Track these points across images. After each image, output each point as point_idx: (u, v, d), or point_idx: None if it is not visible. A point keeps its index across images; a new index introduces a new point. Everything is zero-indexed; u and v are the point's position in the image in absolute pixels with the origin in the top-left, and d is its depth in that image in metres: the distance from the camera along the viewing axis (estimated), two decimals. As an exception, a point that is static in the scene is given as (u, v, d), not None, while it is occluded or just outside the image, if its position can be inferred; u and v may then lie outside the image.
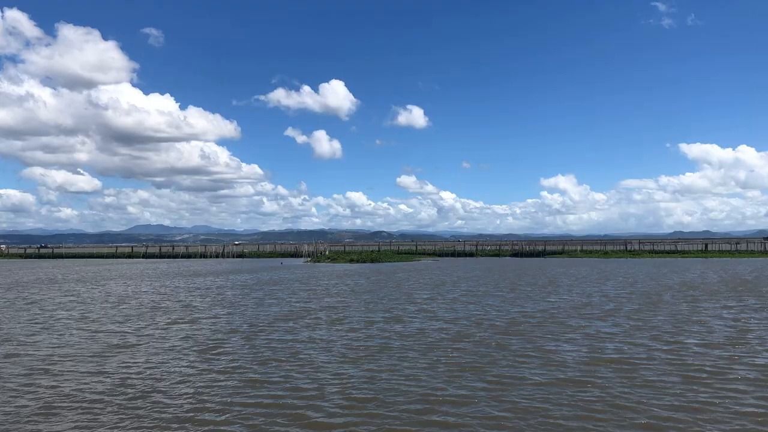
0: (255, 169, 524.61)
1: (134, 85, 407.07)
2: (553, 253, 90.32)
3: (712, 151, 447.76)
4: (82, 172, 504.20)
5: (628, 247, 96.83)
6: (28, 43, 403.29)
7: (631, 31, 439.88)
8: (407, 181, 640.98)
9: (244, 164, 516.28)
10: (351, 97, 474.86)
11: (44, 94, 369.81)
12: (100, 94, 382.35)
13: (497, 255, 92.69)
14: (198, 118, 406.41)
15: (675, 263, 62.05)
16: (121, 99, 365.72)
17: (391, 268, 56.74)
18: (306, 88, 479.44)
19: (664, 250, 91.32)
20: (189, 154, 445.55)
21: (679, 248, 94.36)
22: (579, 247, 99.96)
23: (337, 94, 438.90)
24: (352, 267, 61.21)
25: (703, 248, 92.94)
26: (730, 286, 31.77)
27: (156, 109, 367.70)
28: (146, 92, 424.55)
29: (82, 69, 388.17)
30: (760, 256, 76.68)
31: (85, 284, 39.22)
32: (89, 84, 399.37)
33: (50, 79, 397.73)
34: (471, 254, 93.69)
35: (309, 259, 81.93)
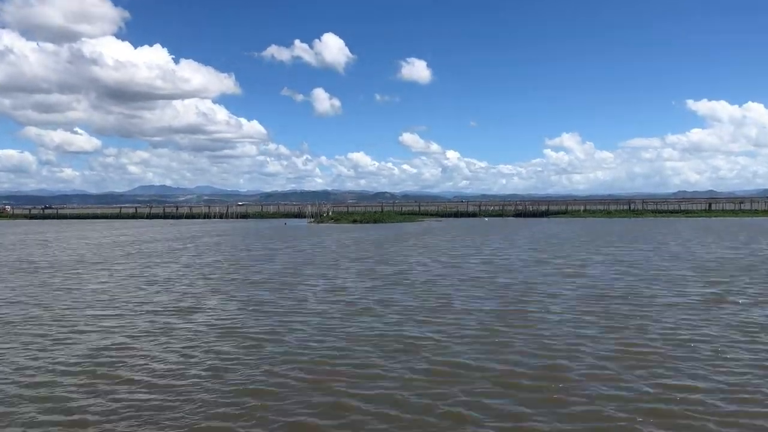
0: (255, 126, 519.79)
1: (124, 37, 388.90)
2: (556, 213, 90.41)
3: (720, 107, 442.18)
4: (79, 131, 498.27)
5: (632, 207, 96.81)
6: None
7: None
8: (411, 139, 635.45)
9: (244, 121, 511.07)
10: (347, 51, 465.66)
11: (26, 48, 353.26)
12: (85, 47, 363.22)
13: (500, 215, 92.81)
14: (194, 72, 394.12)
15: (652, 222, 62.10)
16: (112, 53, 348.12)
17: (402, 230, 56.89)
18: (301, 44, 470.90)
19: (668, 210, 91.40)
20: (188, 112, 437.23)
21: (682, 207, 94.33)
22: (582, 207, 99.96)
23: (331, 49, 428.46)
24: (355, 228, 61.42)
25: (707, 207, 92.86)
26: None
27: (150, 63, 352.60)
28: (138, 44, 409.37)
29: (65, 20, 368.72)
30: (764, 215, 76.66)
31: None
32: (74, 36, 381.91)
33: (30, 32, 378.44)
34: (474, 215, 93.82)
35: (312, 219, 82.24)
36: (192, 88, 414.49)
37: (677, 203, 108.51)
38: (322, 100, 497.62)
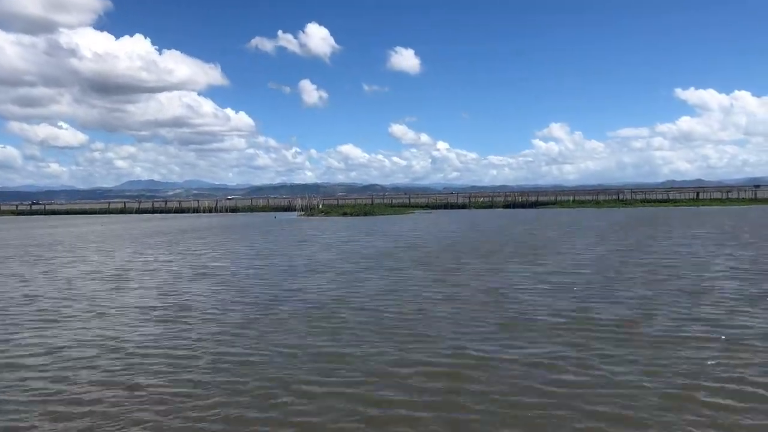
0: (244, 119, 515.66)
1: (104, 27, 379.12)
2: (545, 204, 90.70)
3: (708, 96, 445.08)
4: (64, 125, 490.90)
5: (620, 197, 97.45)
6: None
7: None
8: (401, 131, 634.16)
9: (232, 114, 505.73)
10: (332, 41, 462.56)
11: (3, 40, 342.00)
12: (64, 38, 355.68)
13: (490, 207, 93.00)
14: (179, 64, 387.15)
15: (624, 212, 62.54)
16: (93, 44, 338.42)
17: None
18: (286, 35, 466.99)
19: (656, 199, 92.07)
20: (174, 105, 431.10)
21: (671, 197, 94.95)
22: (572, 198, 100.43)
23: (316, 40, 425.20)
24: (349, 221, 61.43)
25: (695, 197, 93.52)
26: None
27: (133, 54, 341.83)
28: (119, 35, 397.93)
29: (43, 9, 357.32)
30: (750, 204, 77.33)
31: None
32: (52, 27, 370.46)
33: (6, 22, 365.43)
34: (464, 206, 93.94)
35: (302, 213, 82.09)
36: (177, 80, 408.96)
37: (665, 192, 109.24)
38: (310, 91, 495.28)
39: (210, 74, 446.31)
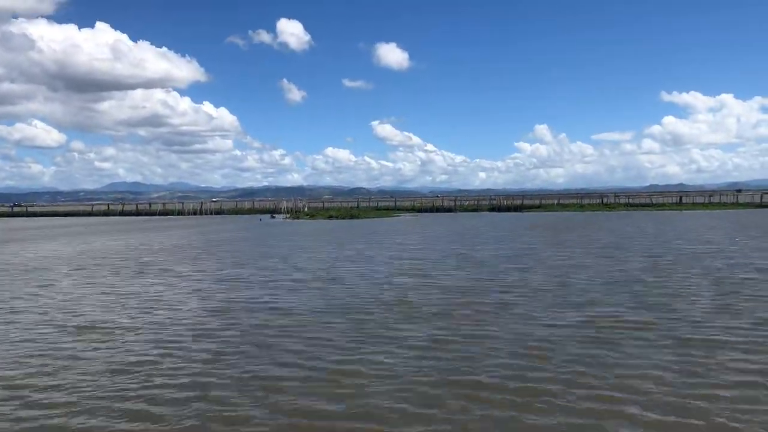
0: (226, 118, 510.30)
1: (69, 18, 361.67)
2: (530, 208, 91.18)
3: (693, 100, 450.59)
4: (39, 125, 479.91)
5: (604, 201, 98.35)
6: None
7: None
8: (387, 131, 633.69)
9: (215, 113, 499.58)
10: (308, 38, 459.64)
11: None
12: (14, 28, 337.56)
13: (475, 210, 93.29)
14: (160, 59, 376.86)
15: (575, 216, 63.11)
16: (55, 36, 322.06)
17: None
18: (261, 33, 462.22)
19: (639, 203, 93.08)
20: (152, 103, 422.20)
21: (654, 201, 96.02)
22: (556, 201, 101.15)
23: (298, 35, 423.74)
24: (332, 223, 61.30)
25: (678, 201, 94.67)
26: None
27: (101, 47, 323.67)
28: (89, 24, 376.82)
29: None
30: (731, 208, 78.41)
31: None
32: (5, 17, 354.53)
33: None
34: (450, 210, 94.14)
35: (288, 215, 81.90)
36: (158, 77, 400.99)
37: (649, 197, 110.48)
38: (290, 89, 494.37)
39: (186, 70, 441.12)
